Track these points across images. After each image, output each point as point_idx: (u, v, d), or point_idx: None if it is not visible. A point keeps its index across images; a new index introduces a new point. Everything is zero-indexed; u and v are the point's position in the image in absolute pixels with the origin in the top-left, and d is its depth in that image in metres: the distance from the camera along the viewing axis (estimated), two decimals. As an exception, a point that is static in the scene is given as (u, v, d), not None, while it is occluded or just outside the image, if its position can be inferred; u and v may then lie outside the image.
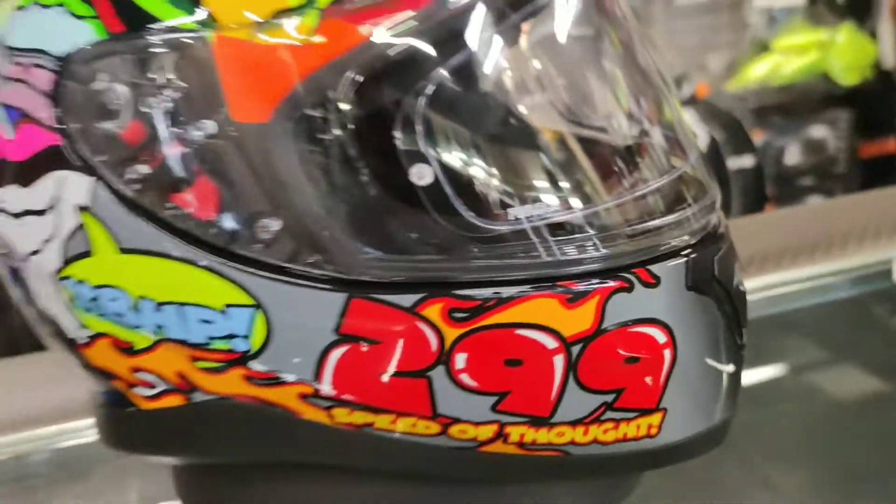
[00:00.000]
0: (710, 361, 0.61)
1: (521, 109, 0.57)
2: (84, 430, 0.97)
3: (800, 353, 1.04)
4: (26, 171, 0.55)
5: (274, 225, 0.52)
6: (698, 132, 3.44)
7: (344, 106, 0.51)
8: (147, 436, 0.62)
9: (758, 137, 3.58)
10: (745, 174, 3.48)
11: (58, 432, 1.01)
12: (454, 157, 0.53)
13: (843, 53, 3.66)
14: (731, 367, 0.62)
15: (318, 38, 0.51)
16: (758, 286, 1.18)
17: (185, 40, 0.52)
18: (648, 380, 0.57)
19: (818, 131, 3.68)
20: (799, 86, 3.69)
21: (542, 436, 0.56)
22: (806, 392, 0.96)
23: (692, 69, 3.70)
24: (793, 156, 3.66)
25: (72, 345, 0.60)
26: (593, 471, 0.61)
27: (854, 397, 0.95)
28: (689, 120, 3.32)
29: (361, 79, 0.51)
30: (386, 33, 0.51)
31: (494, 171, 0.55)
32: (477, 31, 0.53)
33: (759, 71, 3.69)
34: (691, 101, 3.46)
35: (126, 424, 0.63)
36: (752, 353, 0.96)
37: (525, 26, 0.56)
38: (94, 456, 0.92)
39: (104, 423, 0.65)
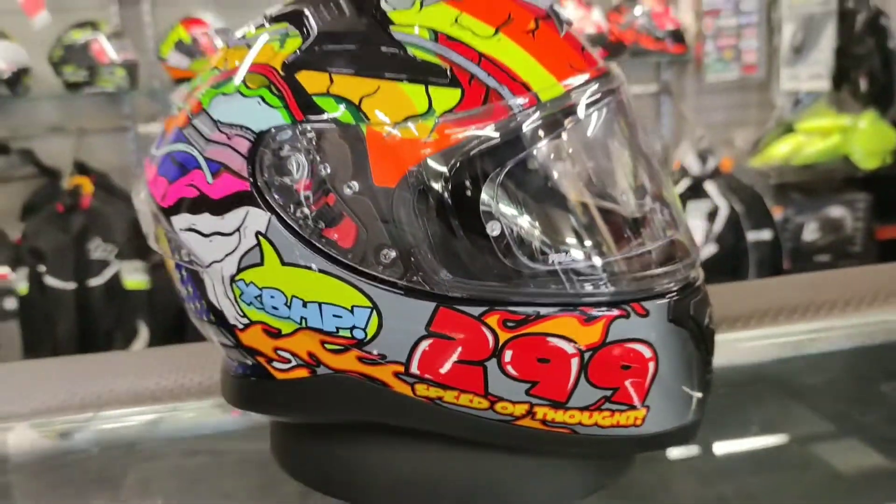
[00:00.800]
0: (683, 382, 0.78)
1: (561, 187, 0.77)
2: (118, 417, 1.13)
3: (804, 424, 1.06)
4: (220, 206, 0.75)
5: (391, 254, 0.72)
6: (720, 203, 3.57)
7: (446, 180, 0.71)
8: (279, 399, 0.81)
9: (777, 213, 3.61)
10: (762, 247, 3.54)
11: (94, 417, 1.13)
12: (515, 218, 0.73)
13: (865, 139, 3.69)
14: (699, 393, 0.80)
15: (432, 136, 0.71)
16: (773, 334, 1.29)
17: (344, 128, 0.72)
18: (637, 382, 0.75)
19: (836, 211, 3.72)
20: (820, 166, 3.73)
21: (559, 416, 0.75)
22: (807, 462, 0.97)
23: (719, 144, 3.77)
24: (811, 233, 3.70)
25: (230, 329, 0.79)
26: (594, 447, 0.78)
27: (855, 470, 0.96)
28: (712, 191, 3.41)
29: (458, 164, 0.71)
30: (476, 135, 0.71)
31: (540, 228, 0.74)
32: (533, 135, 0.73)
33: (782, 150, 3.74)
34: (715, 174, 3.53)
35: (262, 391, 0.81)
36: (757, 421, 1.04)
37: (567, 129, 0.75)
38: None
39: (241, 390, 0.84)
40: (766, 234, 3.57)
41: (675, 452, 0.96)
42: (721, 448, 1.00)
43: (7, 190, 3.54)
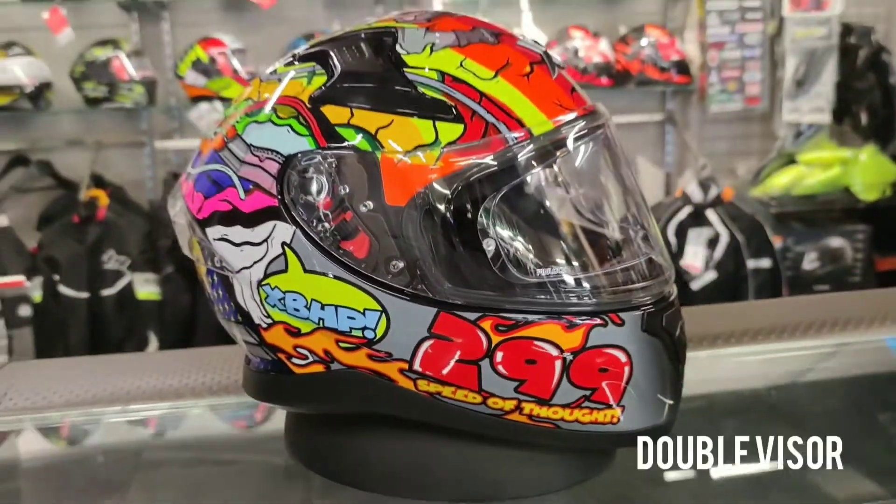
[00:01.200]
0: (655, 386, 0.85)
1: (550, 210, 0.86)
2: (127, 412, 1.19)
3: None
4: (250, 219, 0.84)
5: (399, 264, 0.80)
6: (721, 231, 3.61)
7: (448, 201, 0.79)
8: (296, 392, 0.89)
9: (777, 242, 3.61)
10: (762, 275, 3.55)
11: (106, 412, 1.19)
12: (509, 237, 0.82)
13: (865, 171, 3.70)
14: (670, 400, 0.87)
15: (438, 164, 0.80)
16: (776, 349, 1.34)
17: (362, 155, 0.80)
18: (613, 384, 0.83)
19: (836, 241, 3.72)
20: (820, 197, 3.73)
21: (544, 412, 0.83)
22: (804, 487, 0.97)
23: (721, 173, 3.79)
24: (810, 262, 3.69)
25: (255, 328, 0.87)
26: (575, 441, 0.86)
27: (850, 497, 0.97)
28: (713, 219, 3.42)
29: (459, 187, 0.80)
30: (476, 163, 0.80)
31: (531, 246, 0.83)
32: (527, 164, 0.82)
33: (783, 180, 3.74)
34: (717, 203, 3.55)
35: (282, 384, 0.90)
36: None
37: (558, 160, 0.84)
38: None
39: (262, 384, 0.92)
40: (765, 263, 3.59)
41: (672, 475, 0.99)
42: (718, 472, 1.02)
43: (25, 200, 3.62)
